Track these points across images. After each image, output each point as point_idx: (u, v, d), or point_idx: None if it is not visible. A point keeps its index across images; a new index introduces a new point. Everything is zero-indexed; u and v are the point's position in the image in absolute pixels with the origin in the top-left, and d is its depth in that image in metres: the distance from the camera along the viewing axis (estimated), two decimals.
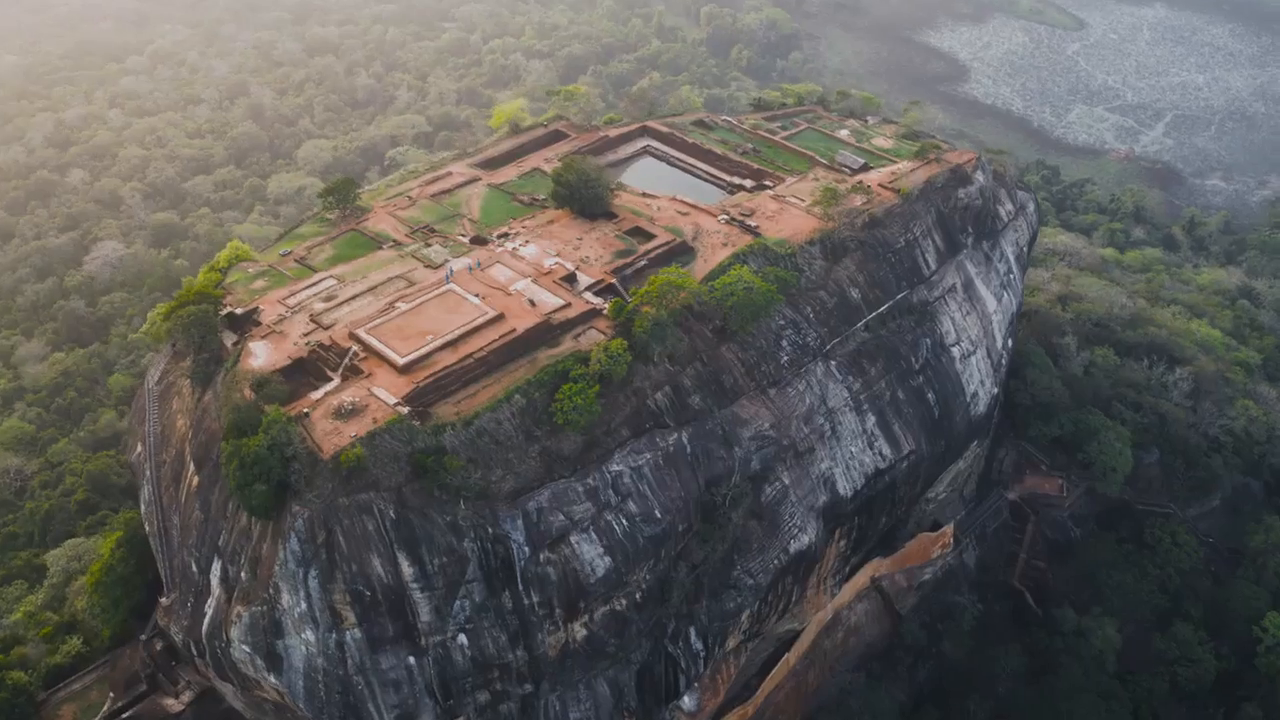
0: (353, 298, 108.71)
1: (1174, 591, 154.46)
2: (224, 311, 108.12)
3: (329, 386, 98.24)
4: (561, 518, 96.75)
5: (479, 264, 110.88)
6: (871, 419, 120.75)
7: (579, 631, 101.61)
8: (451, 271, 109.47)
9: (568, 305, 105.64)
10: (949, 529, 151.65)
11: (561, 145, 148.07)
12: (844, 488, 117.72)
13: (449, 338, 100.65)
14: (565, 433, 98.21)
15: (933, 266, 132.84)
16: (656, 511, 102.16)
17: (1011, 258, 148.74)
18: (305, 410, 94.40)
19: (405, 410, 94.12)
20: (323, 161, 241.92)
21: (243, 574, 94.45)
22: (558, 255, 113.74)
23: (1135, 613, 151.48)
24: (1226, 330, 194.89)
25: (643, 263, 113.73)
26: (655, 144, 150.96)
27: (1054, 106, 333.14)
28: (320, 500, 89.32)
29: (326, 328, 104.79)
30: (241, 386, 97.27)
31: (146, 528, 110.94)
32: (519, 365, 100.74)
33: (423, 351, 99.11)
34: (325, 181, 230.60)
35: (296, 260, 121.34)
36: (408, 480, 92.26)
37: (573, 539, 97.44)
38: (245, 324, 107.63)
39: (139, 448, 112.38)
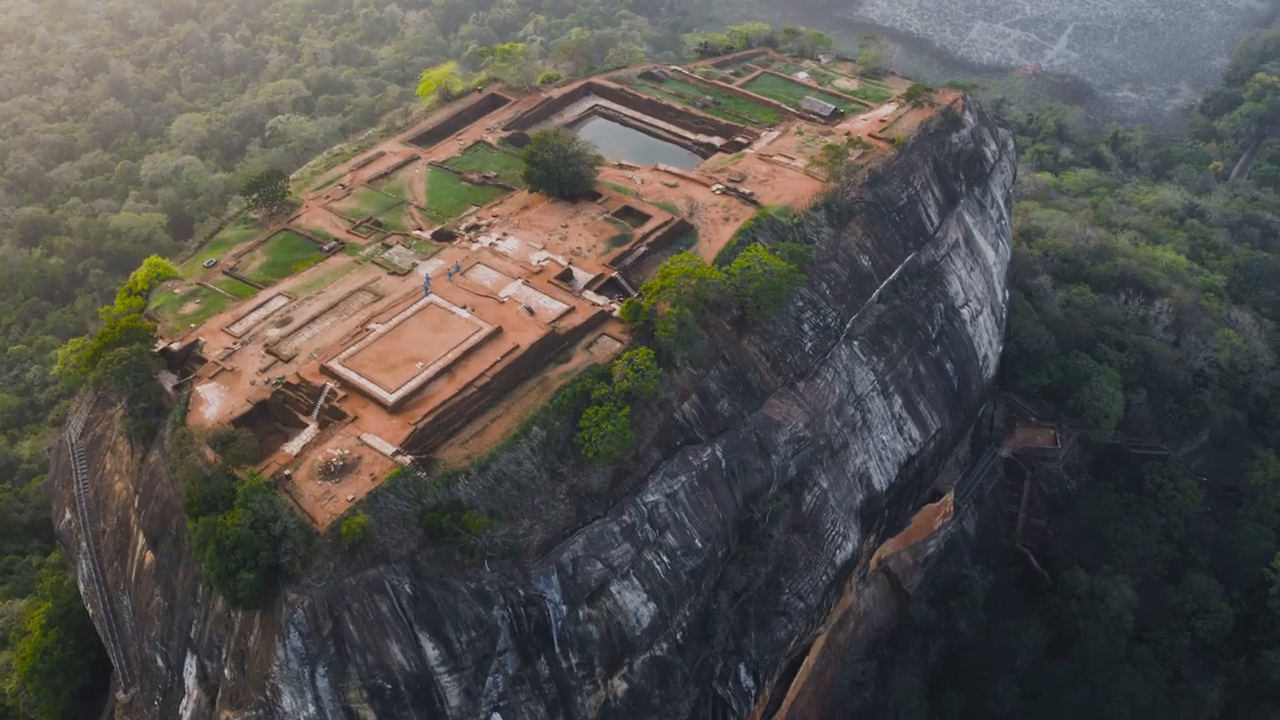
0: (312, 320, 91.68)
1: (1180, 539, 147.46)
2: (157, 347, 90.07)
3: (305, 437, 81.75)
4: (599, 566, 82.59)
5: (458, 267, 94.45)
6: (898, 401, 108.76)
7: (619, 686, 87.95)
8: (428, 280, 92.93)
9: (571, 310, 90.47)
10: (949, 496, 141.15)
11: (501, 112, 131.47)
12: (879, 481, 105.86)
13: (442, 363, 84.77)
14: (594, 465, 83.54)
15: (935, 222, 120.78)
16: (697, 541, 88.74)
17: (1001, 202, 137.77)
18: (285, 472, 77.88)
19: (407, 460, 78.35)
20: (198, 137, 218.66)
21: (226, 671, 78.22)
22: (544, 249, 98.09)
23: (1146, 566, 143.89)
24: (1183, 253, 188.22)
25: (642, 249, 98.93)
26: (604, 103, 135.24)
27: (954, 25, 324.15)
28: (322, 583, 73.41)
29: (287, 360, 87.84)
30: (198, 445, 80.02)
31: (89, 609, 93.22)
32: (528, 389, 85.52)
33: (414, 384, 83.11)
34: (202, 158, 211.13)
35: (225, 272, 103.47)
36: (421, 546, 76.90)
37: (614, 588, 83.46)
38: (185, 361, 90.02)
39: (68, 514, 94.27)
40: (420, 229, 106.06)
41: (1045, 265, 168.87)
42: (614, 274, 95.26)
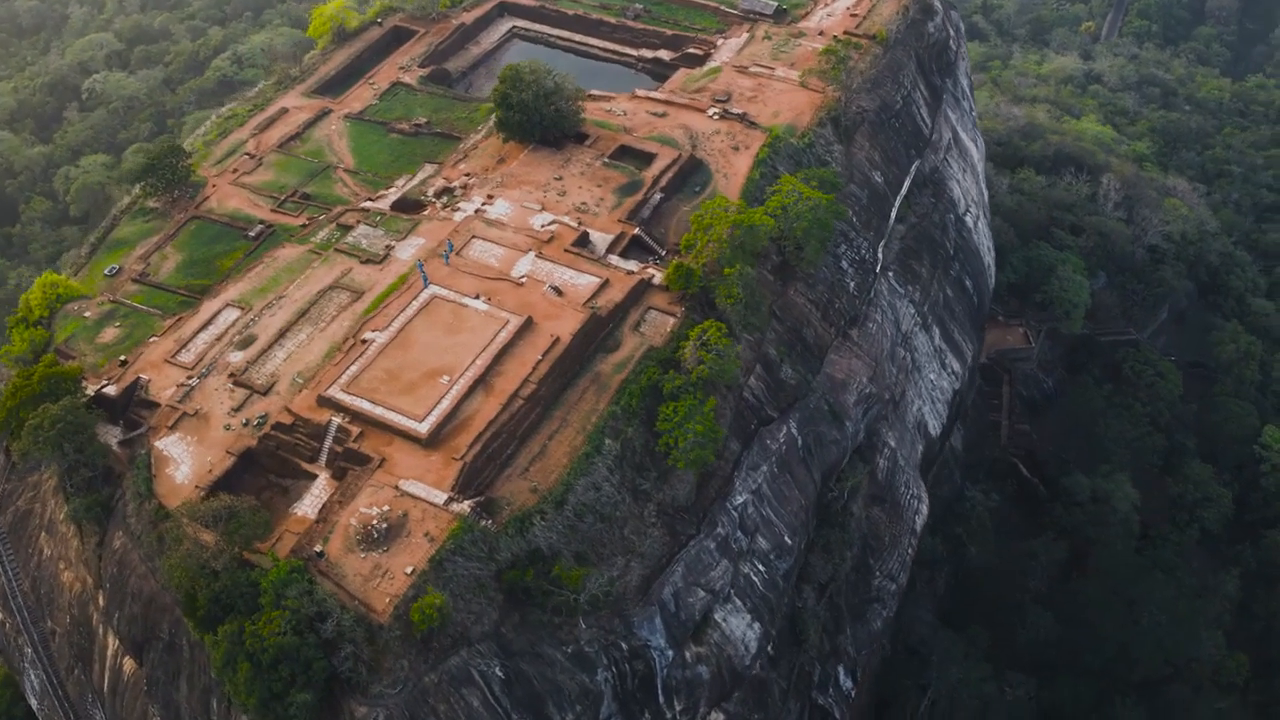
0: (281, 335, 72.80)
1: (1166, 426, 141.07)
2: (88, 394, 70.13)
3: (318, 492, 64.08)
4: (701, 593, 68.10)
5: (451, 246, 76.46)
6: (937, 333, 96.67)
7: (717, 719, 73.96)
8: (422, 267, 74.74)
9: (605, 283, 74.05)
10: None
11: (411, 46, 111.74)
12: (933, 426, 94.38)
13: (473, 373, 67.54)
14: (678, 474, 68.27)
15: (929, 123, 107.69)
16: (786, 538, 75.03)
17: (969, 91, 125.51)
18: (315, 548, 60.03)
19: (466, 508, 61.52)
20: (5, 108, 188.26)
21: None
22: (544, 209, 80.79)
23: (1142, 459, 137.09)
24: (1101, 123, 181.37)
25: (657, 196, 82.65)
26: (524, 24, 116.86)
27: None
28: (397, 689, 56.78)
29: (265, 391, 69.14)
30: (184, 524, 61.26)
31: None
32: (580, 390, 69.29)
33: (446, 405, 65.82)
34: (15, 131, 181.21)
35: (136, 280, 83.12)
36: (504, 614, 60.78)
37: (718, 616, 69.31)
38: (127, 408, 70.30)
39: None
40: (368, 199, 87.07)
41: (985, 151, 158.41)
42: (636, 231, 78.96)
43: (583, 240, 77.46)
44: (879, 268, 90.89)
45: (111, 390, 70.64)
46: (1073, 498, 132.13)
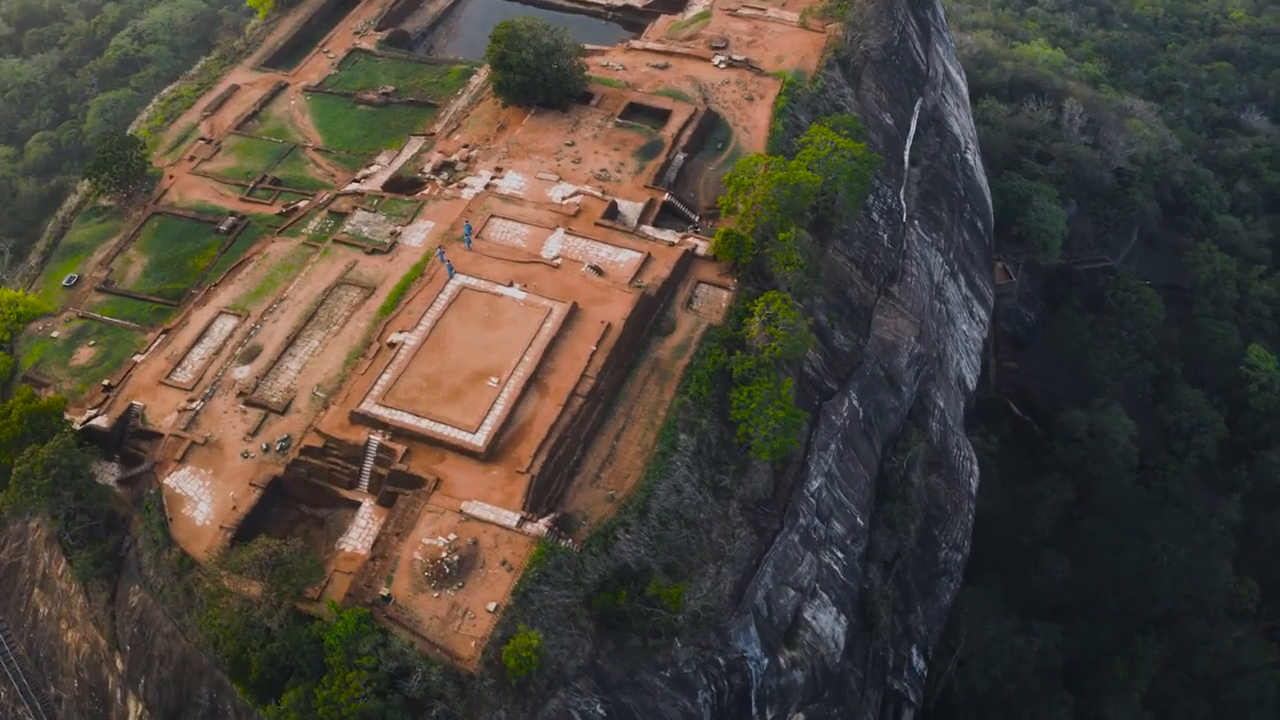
0: (290, 343, 64.23)
1: (1153, 353, 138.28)
2: (74, 424, 61.19)
3: (364, 522, 56.35)
4: (791, 592, 62.09)
5: (469, 228, 68.34)
6: (963, 280, 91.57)
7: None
8: (444, 255, 66.58)
9: (647, 258, 66.80)
10: None
11: (363, 9, 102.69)
12: (971, 380, 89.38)
13: (523, 373, 60.03)
14: (755, 465, 61.84)
15: (924, 58, 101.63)
16: (858, 518, 69.40)
17: (944, 19, 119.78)
18: (382, 592, 52.37)
19: (543, 529, 54.30)
20: None
21: None
22: (561, 179, 72.96)
23: (1135, 390, 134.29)
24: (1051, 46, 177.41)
25: (680, 156, 75.34)
26: None
27: None
28: None
29: (283, 410, 60.82)
30: (217, 579, 53.10)
31: None
32: (640, 380, 62.24)
33: (500, 411, 58.28)
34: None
35: (100, 289, 73.71)
36: (597, 644, 53.86)
37: (807, 614, 63.45)
38: (122, 441, 61.41)
39: None
40: (353, 180, 78.30)
41: None
42: (666, 197, 71.65)
43: (612, 211, 70.00)
44: (904, 216, 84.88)
45: (102, 421, 61.66)
46: (1070, 434, 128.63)
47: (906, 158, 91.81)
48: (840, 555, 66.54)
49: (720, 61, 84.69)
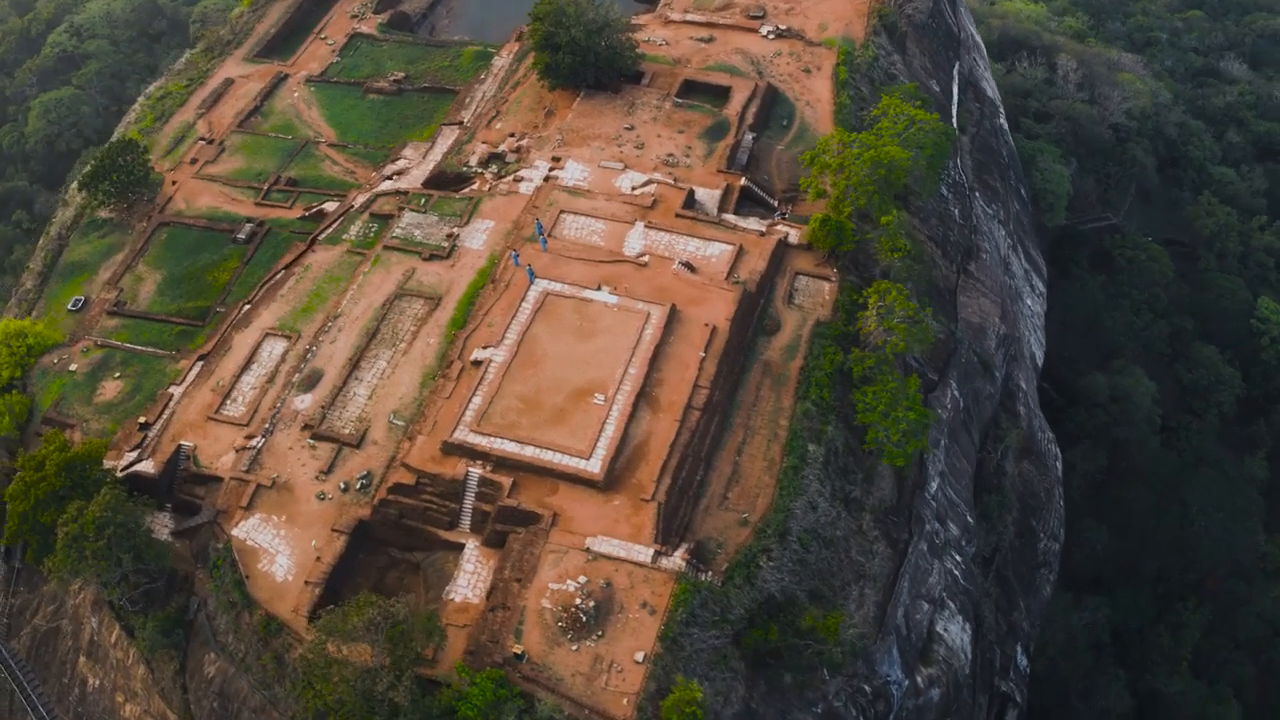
0: (354, 365, 57.41)
1: (1165, 311, 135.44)
2: (115, 472, 54.12)
3: (472, 566, 50.07)
4: (925, 606, 57.17)
5: (540, 227, 61.87)
6: (1022, 252, 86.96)
7: None
8: (518, 259, 60.09)
9: (741, 251, 60.94)
10: None
11: None
12: (1039, 356, 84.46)
13: (630, 387, 53.96)
14: (879, 470, 56.57)
15: (956, 20, 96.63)
16: (968, 516, 64.70)
17: None
18: (514, 650, 46.21)
19: (680, 563, 48.49)
20: None
21: None
22: (627, 167, 66.68)
23: (1152, 349, 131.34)
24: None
25: (749, 136, 69.36)
26: None
27: None
28: None
29: (357, 444, 54.14)
30: (321, 649, 46.39)
31: None
32: (754, 386, 56.58)
33: (612, 432, 52.22)
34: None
35: (112, 312, 66.18)
36: (749, 686, 48.28)
37: (939, 627, 58.38)
38: (171, 486, 54.42)
39: None
40: (386, 177, 71.33)
41: None
42: (743, 181, 65.70)
43: (690, 200, 63.93)
44: (969, 187, 79.92)
45: (148, 467, 54.51)
46: (1093, 399, 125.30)
47: (954, 125, 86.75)
48: (959, 559, 61.74)
49: (769, 32, 78.69)
